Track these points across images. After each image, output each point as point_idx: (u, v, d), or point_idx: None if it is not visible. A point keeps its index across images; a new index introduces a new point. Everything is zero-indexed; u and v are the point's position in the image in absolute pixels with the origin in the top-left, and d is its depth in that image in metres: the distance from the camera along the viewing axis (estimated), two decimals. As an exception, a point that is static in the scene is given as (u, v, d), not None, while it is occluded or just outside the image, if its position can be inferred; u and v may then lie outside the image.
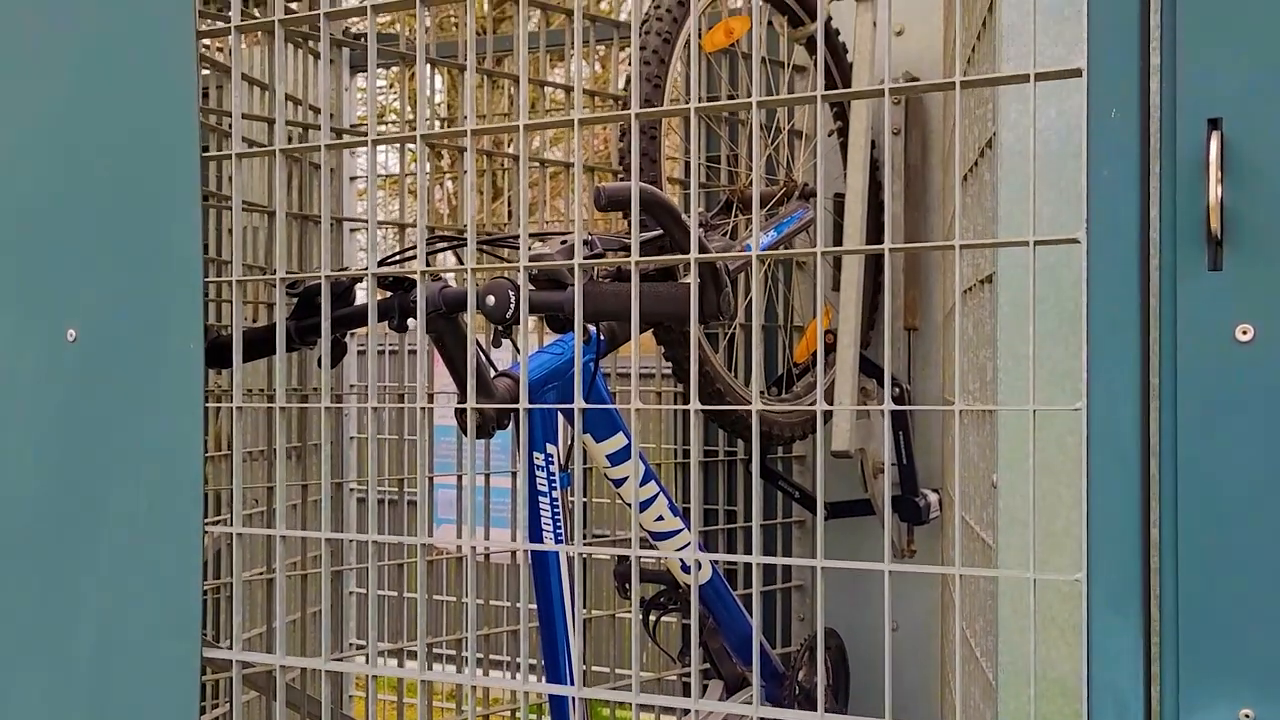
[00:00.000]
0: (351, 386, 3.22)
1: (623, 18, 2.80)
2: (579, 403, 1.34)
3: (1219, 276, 1.09)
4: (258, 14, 2.73)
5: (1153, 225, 1.12)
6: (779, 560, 1.29)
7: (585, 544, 1.35)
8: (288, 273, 2.04)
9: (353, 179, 3.26)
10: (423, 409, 1.39)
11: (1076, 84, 1.13)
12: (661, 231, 1.72)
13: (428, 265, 1.50)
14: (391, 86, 6.88)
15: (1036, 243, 1.15)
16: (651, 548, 2.15)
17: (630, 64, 2.12)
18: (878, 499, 2.65)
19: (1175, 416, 1.11)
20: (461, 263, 1.83)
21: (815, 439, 2.75)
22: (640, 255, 1.34)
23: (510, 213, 3.34)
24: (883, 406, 1.20)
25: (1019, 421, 1.35)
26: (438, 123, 3.91)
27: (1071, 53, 1.20)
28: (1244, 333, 1.08)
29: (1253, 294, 1.08)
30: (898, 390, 2.66)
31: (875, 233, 2.65)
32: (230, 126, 2.46)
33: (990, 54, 1.47)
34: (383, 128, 4.75)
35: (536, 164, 2.80)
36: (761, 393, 2.57)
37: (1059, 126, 1.27)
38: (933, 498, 2.68)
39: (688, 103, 1.27)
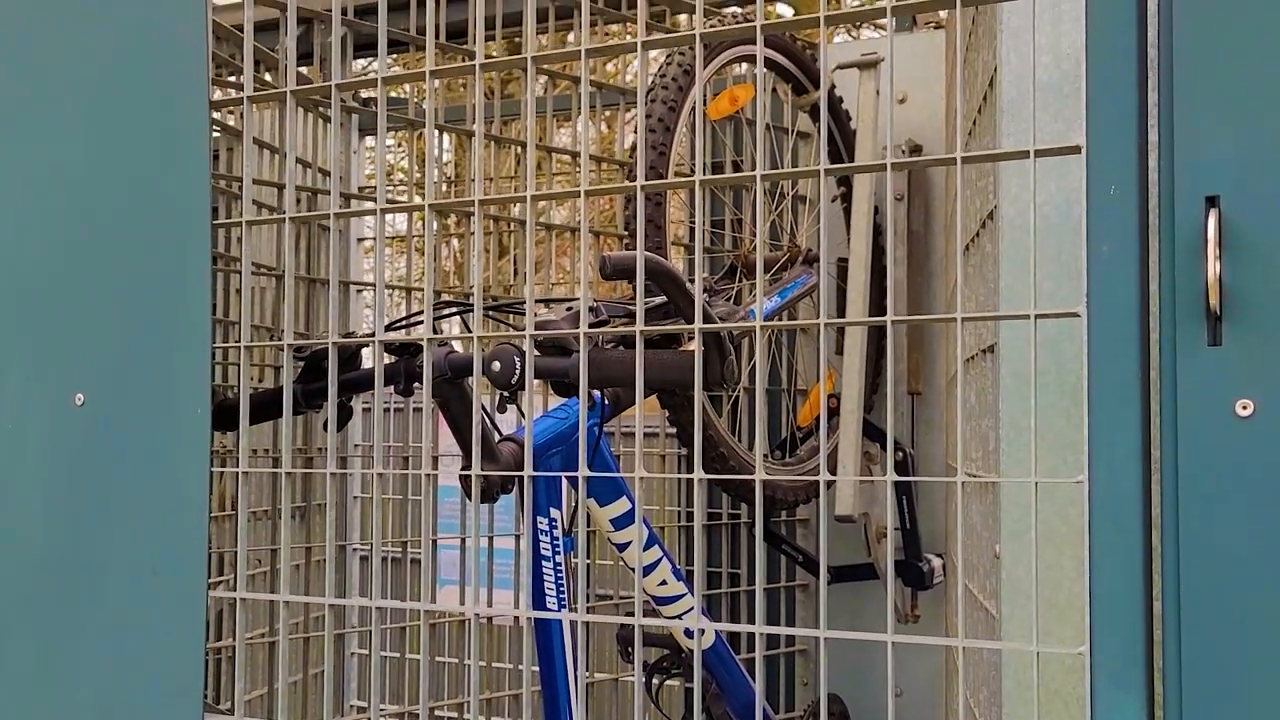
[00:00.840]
0: (356, 446, 3.22)
1: (628, 77, 2.84)
2: (583, 470, 1.35)
3: (1218, 352, 1.10)
4: (269, 78, 2.77)
5: (1152, 300, 1.13)
6: (783, 630, 1.29)
7: (588, 610, 1.36)
8: (295, 334, 2.05)
9: (360, 240, 3.28)
10: (427, 475, 1.40)
11: (1076, 159, 1.15)
12: (665, 298, 1.73)
13: (434, 330, 1.51)
14: (400, 145, 6.95)
15: (1037, 316, 1.16)
16: (654, 612, 2.15)
17: (636, 128, 2.14)
18: (881, 563, 2.64)
19: (1176, 490, 1.11)
20: (468, 327, 1.85)
21: (819, 503, 2.76)
22: (645, 322, 1.36)
23: (516, 270, 3.36)
24: (886, 478, 1.20)
25: (1021, 492, 1.35)
26: (445, 184, 3.94)
27: (1071, 129, 1.22)
28: (1244, 408, 1.09)
29: (1252, 369, 1.09)
30: (901, 455, 2.67)
31: (879, 298, 2.67)
32: (240, 189, 2.49)
33: (991, 127, 1.49)
34: (391, 187, 4.80)
35: (543, 227, 2.82)
36: (765, 456, 2.58)
37: (1059, 201, 1.29)
38: (936, 562, 2.67)
39: (693, 171, 1.29)
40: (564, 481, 1.98)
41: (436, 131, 2.95)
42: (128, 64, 1.58)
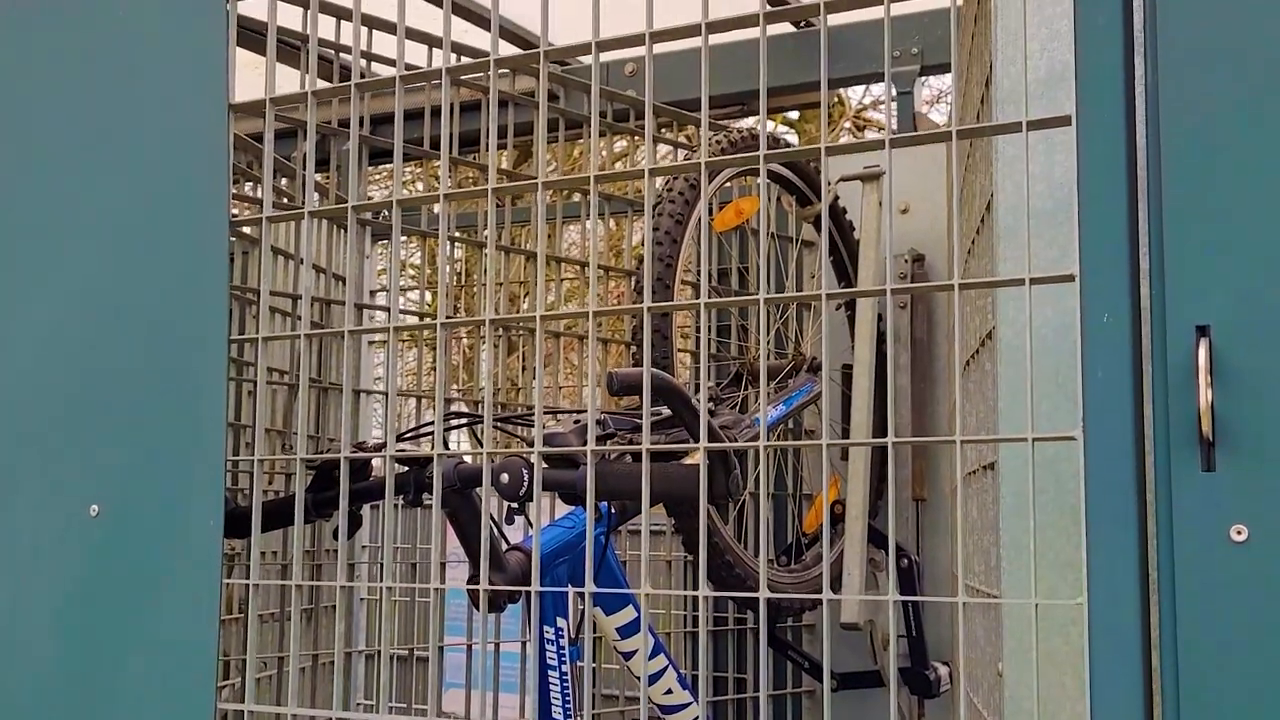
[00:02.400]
0: (364, 548, 3.23)
1: (636, 184, 2.89)
2: (589, 587, 1.37)
3: (1212, 477, 1.12)
4: (286, 183, 2.83)
5: (1147, 425, 1.16)
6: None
7: (594, 718, 1.37)
8: (308, 438, 2.08)
9: (371, 343, 3.32)
10: (435, 590, 1.42)
11: (1071, 284, 1.18)
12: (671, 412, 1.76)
13: (445, 443, 1.54)
14: (411, 242, 7.04)
15: (1035, 439, 1.18)
16: (660, 720, 2.14)
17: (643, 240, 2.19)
18: (887, 671, 2.64)
19: (1174, 612, 1.13)
20: (477, 438, 1.87)
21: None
22: (651, 434, 1.38)
23: (524, 366, 3.39)
24: (889, 597, 1.22)
25: (1023, 611, 1.37)
26: (455, 280, 3.99)
27: (1065, 255, 1.25)
28: (1238, 533, 1.11)
29: (1246, 495, 1.11)
30: (906, 562, 2.67)
31: (883, 404, 2.69)
32: (253, 294, 2.53)
33: (989, 249, 1.53)
34: (402, 279, 4.85)
35: (551, 335, 2.87)
36: (770, 562, 2.59)
37: (1055, 324, 1.32)
38: (943, 670, 2.66)
39: (698, 288, 1.32)
40: (570, 589, 1.99)
41: (449, 244, 3.00)
42: (150, 183, 1.63)
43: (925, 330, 2.84)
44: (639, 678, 2.10)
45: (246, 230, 2.74)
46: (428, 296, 4.75)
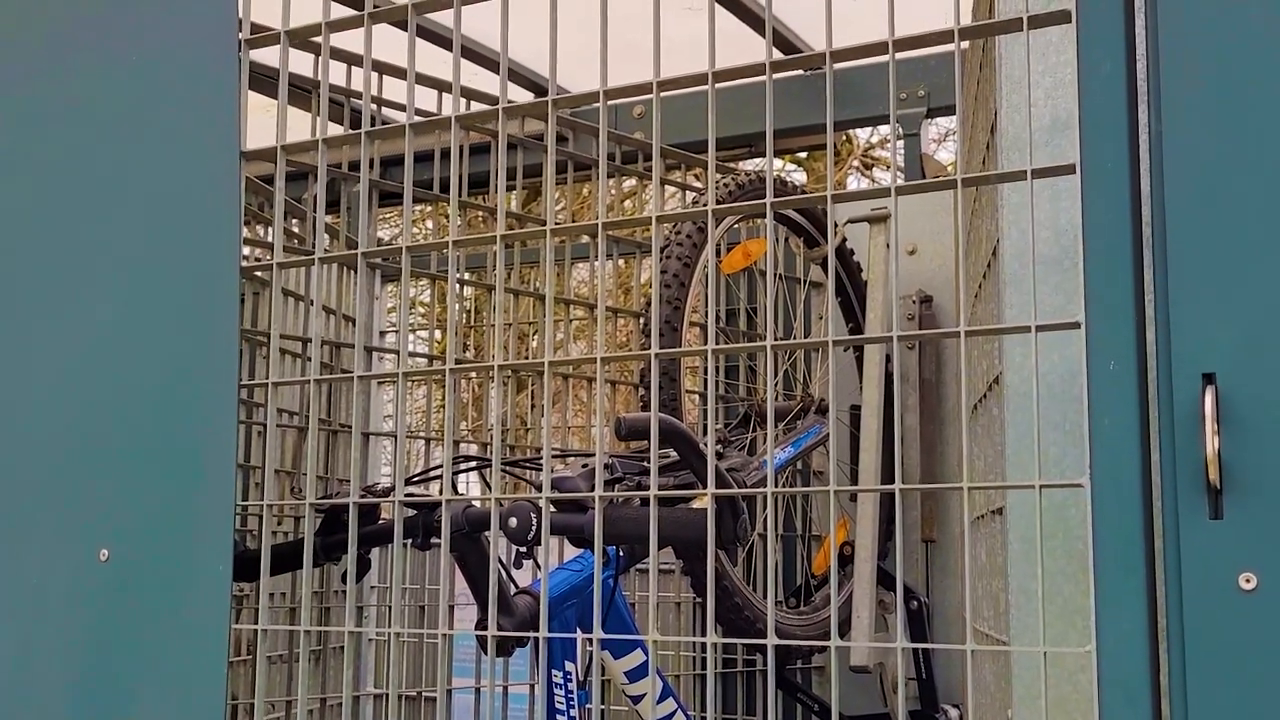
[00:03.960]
0: (373, 588, 3.23)
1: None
2: (597, 633, 1.37)
3: (1220, 525, 1.12)
4: (296, 226, 2.85)
5: (1154, 472, 1.16)
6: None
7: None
8: (317, 478, 2.09)
9: (380, 384, 3.33)
10: (444, 635, 1.42)
11: (1077, 331, 1.19)
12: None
13: (453, 487, 1.55)
14: (420, 280, 7.06)
15: (1042, 486, 1.18)
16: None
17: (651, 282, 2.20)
18: (897, 715, 2.62)
19: (1184, 660, 1.12)
20: (486, 482, 1.88)
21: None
22: (660, 475, 1.39)
23: (533, 404, 3.40)
24: (897, 644, 1.22)
25: (1032, 657, 1.36)
26: (464, 317, 4.01)
27: (1071, 301, 1.26)
28: (1247, 581, 1.11)
29: (1254, 543, 1.11)
30: (915, 603, 2.66)
31: (892, 444, 2.69)
32: (262, 335, 2.55)
33: (995, 294, 1.53)
34: (412, 318, 4.87)
35: (560, 377, 2.87)
36: (779, 603, 2.58)
37: (1062, 370, 1.32)
38: (953, 714, 2.64)
39: (705, 329, 1.33)
40: (579, 633, 1.99)
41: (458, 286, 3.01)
42: (162, 229, 1.64)
43: (933, 371, 2.84)
44: (647, 722, 2.10)
45: (258, 273, 2.76)
46: (437, 335, 4.76)
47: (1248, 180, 1.17)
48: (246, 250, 2.68)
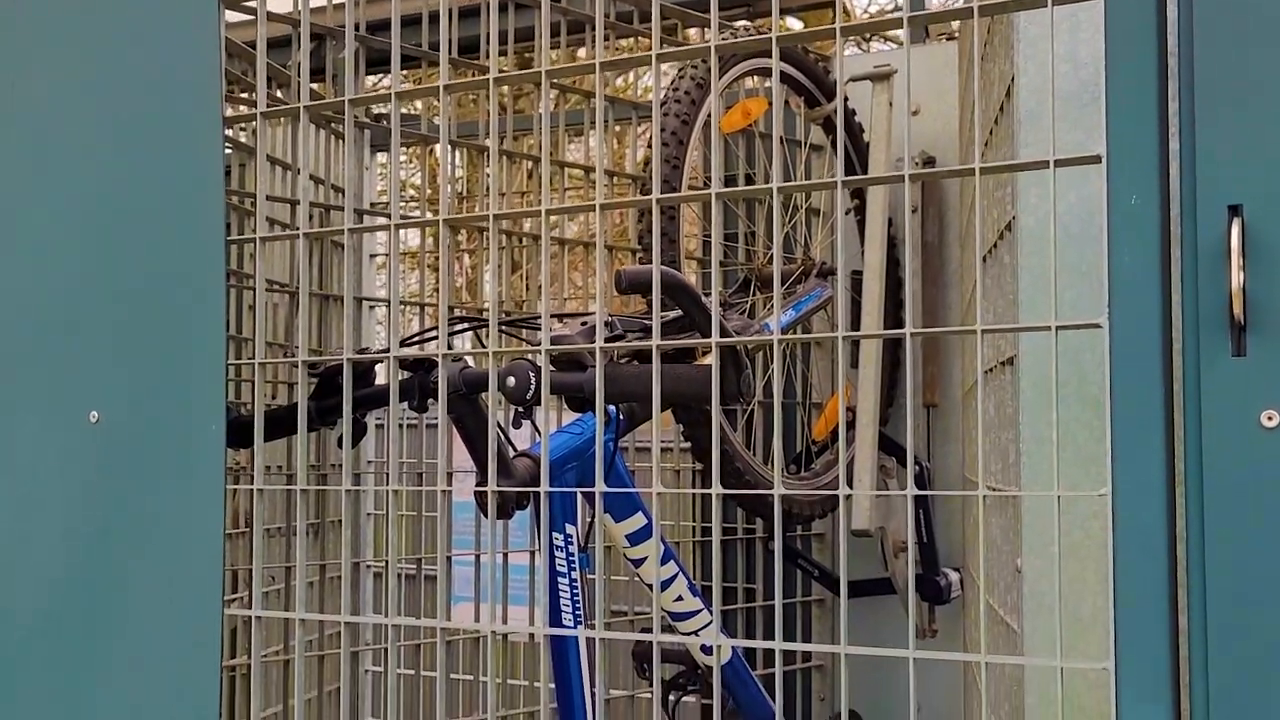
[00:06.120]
0: (370, 463, 3.22)
1: (639, 91, 2.84)
2: (599, 486, 1.34)
3: (1243, 362, 1.09)
4: (282, 94, 2.77)
5: (1175, 311, 1.12)
6: (800, 646, 1.28)
7: (604, 626, 1.35)
8: (310, 350, 2.05)
9: (372, 256, 3.28)
10: (443, 492, 1.39)
11: (1096, 168, 1.14)
12: (680, 311, 1.72)
13: (449, 345, 1.51)
14: (411, 162, 6.96)
15: (1059, 328, 1.15)
16: (671, 628, 2.13)
17: (648, 142, 2.14)
18: (898, 578, 2.63)
19: (1201, 502, 1.10)
20: (482, 343, 1.84)
21: (835, 517, 2.74)
22: (661, 336, 1.35)
23: (529, 285, 3.35)
24: (906, 492, 1.19)
25: (1043, 505, 1.34)
26: (457, 199, 3.94)
27: (1090, 138, 1.21)
28: (1269, 418, 1.08)
29: (1277, 379, 1.08)
30: (918, 468, 2.65)
31: (894, 309, 2.66)
32: (252, 204, 2.49)
33: (1009, 138, 1.48)
34: (403, 204, 4.80)
35: (556, 242, 2.82)
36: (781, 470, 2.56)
37: (1079, 210, 1.28)
38: (954, 576, 2.65)
39: (707, 184, 1.28)
40: (579, 497, 1.97)
41: (450, 147, 2.95)
42: (143, 86, 1.58)
43: (936, 234, 2.79)
44: (649, 585, 2.09)
45: (243, 139, 2.69)
46: (429, 216, 4.68)
47: (1278, 5, 1.11)
48: (231, 111, 2.60)
